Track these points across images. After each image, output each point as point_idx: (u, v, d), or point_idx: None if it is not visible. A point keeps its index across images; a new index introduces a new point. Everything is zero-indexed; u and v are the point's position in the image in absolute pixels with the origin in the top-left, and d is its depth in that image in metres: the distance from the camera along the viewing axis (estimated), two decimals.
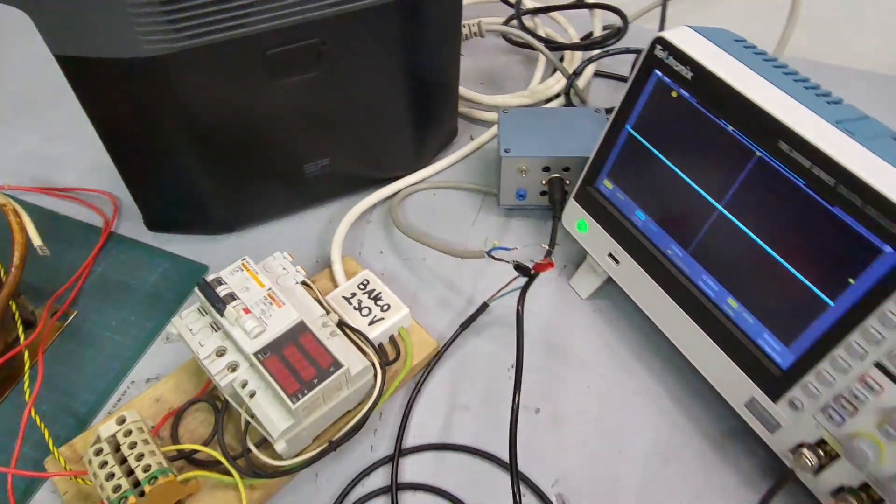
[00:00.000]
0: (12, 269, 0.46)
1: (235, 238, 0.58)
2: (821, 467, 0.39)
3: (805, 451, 0.39)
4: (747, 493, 0.43)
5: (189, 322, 0.45)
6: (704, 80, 0.41)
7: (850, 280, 0.36)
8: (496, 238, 0.58)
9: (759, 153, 0.39)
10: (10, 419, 0.47)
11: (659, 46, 0.43)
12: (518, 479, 0.40)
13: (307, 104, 0.51)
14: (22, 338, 0.48)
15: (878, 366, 0.35)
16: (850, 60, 0.74)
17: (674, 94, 0.43)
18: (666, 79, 0.43)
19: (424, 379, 0.49)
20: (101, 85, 0.45)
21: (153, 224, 0.58)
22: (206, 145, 0.50)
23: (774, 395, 0.41)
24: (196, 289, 0.44)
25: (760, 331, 0.41)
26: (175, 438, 0.44)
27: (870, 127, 0.39)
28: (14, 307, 0.48)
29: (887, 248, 0.34)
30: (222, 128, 0.50)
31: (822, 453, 0.39)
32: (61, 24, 0.41)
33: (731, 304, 0.43)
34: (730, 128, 0.40)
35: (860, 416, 0.36)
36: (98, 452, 0.40)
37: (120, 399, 0.48)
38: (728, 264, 0.42)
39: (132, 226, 0.59)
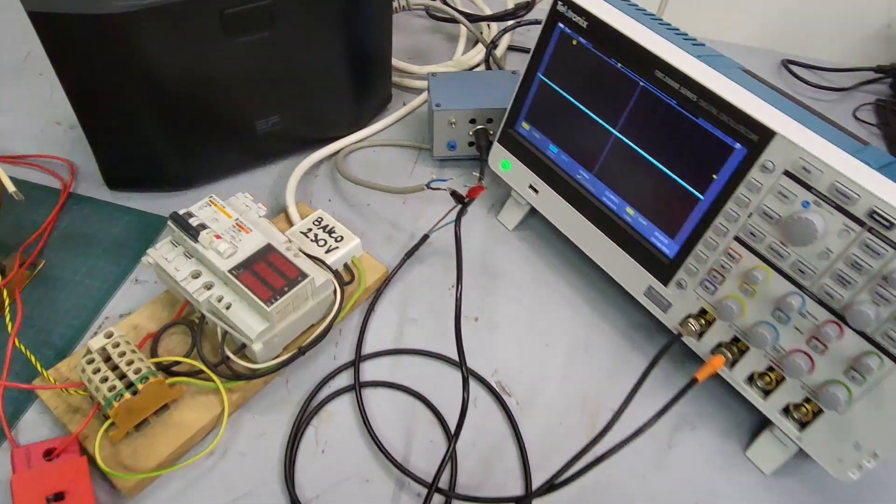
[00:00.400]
0: None
1: (193, 194, 0.63)
2: (702, 332, 0.49)
3: (691, 320, 0.49)
4: (654, 370, 0.53)
5: (163, 252, 0.50)
6: (597, 28, 0.50)
7: (714, 176, 0.46)
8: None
9: (641, 83, 0.49)
10: None
11: (560, 2, 0.52)
12: (466, 368, 0.48)
13: (259, 62, 0.57)
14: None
15: (737, 239, 0.45)
16: (721, 35, 0.87)
17: (574, 42, 0.52)
18: (567, 30, 0.53)
19: (376, 299, 0.56)
20: (71, 42, 0.49)
21: (113, 183, 0.62)
22: (166, 103, 0.55)
23: (665, 280, 0.50)
24: (169, 221, 0.49)
25: (652, 230, 0.51)
26: (154, 356, 0.49)
27: (724, 62, 0.49)
28: None
29: (737, 146, 0.44)
30: (182, 85, 0.55)
31: (703, 321, 0.48)
32: None
33: (629, 212, 0.52)
34: (618, 65, 0.50)
35: (727, 282, 0.46)
36: (90, 362, 0.44)
37: (96, 333, 0.52)
38: (624, 179, 0.52)
39: (90, 187, 0.63)
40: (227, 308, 0.47)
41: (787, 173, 0.42)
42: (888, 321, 0.39)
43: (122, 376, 0.44)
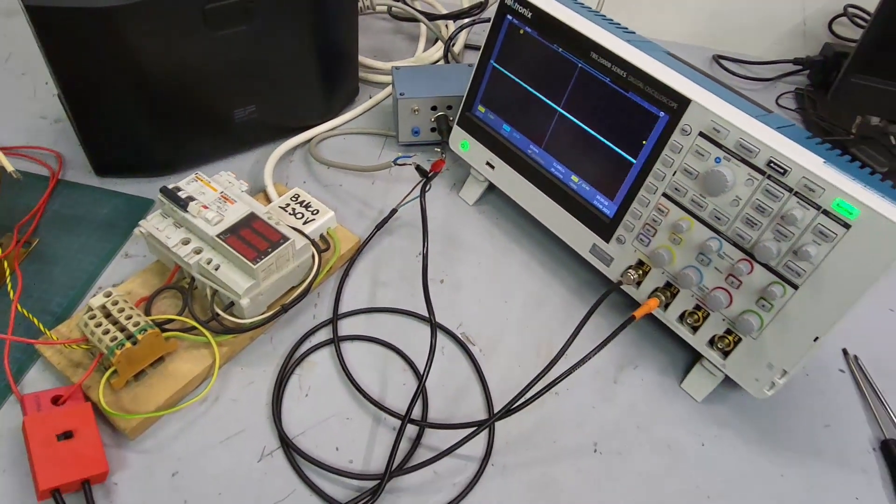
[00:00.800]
0: None
1: (175, 178, 0.67)
2: (640, 281, 0.56)
3: (630, 271, 0.55)
4: (598, 320, 0.59)
5: (155, 223, 0.54)
6: (540, 18, 0.57)
7: (643, 141, 0.53)
8: (398, 167, 0.72)
9: (580, 64, 0.56)
10: None
11: None
12: (432, 313, 0.54)
13: (237, 55, 0.62)
14: None
15: (665, 195, 0.52)
16: (656, 34, 0.96)
17: (521, 32, 0.59)
18: (515, 21, 0.59)
19: (350, 266, 0.61)
20: (66, 35, 0.54)
21: (101, 169, 0.66)
22: (152, 92, 0.60)
23: (607, 237, 0.57)
24: (159, 195, 0.54)
25: (594, 194, 0.58)
26: (147, 315, 0.53)
27: (651, 46, 0.56)
28: None
29: (661, 114, 0.51)
30: (166, 75, 0.60)
31: (641, 271, 0.55)
32: None
33: (574, 180, 0.59)
34: (560, 50, 0.57)
35: (659, 234, 0.53)
36: (92, 317, 0.48)
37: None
38: (569, 151, 0.59)
39: (77, 174, 0.67)
40: (216, 269, 0.52)
41: (701, 134, 0.49)
42: (787, 254, 0.46)
43: (122, 329, 0.48)
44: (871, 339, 0.61)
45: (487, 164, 0.65)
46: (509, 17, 0.60)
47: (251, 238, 0.52)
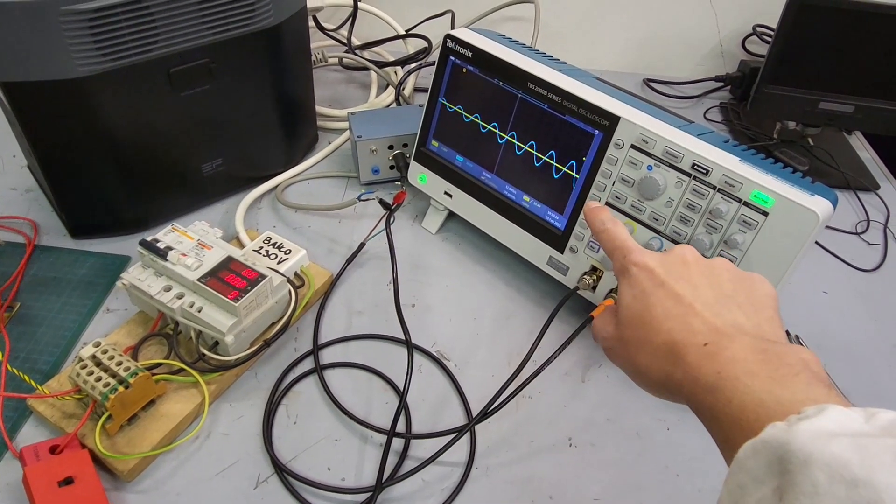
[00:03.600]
0: None
1: (148, 234, 0.70)
2: (595, 285, 0.60)
3: (585, 276, 0.60)
4: (562, 326, 0.64)
5: (136, 275, 0.57)
6: (480, 57, 0.63)
7: (584, 158, 0.58)
8: (362, 204, 0.76)
9: (519, 95, 0.61)
10: None
11: (449, 40, 0.65)
12: (410, 340, 0.58)
13: (202, 112, 0.66)
14: None
15: (608, 203, 0.57)
16: (588, 64, 1.04)
17: (464, 70, 0.65)
18: (458, 61, 0.65)
19: (326, 300, 0.65)
20: (38, 105, 0.58)
21: (76, 231, 0.68)
22: (121, 155, 0.64)
23: (561, 248, 0.62)
24: (139, 247, 0.57)
25: (545, 210, 0.63)
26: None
27: (581, 74, 0.63)
28: None
29: (595, 132, 0.57)
30: (134, 138, 0.64)
31: (595, 276, 0.60)
32: (7, 56, 0.54)
33: (526, 200, 0.64)
34: (500, 83, 0.63)
35: None
36: (84, 367, 0.51)
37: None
38: (518, 173, 0.64)
39: (53, 239, 0.69)
40: (199, 311, 0.55)
41: (633, 146, 0.55)
42: (719, 244, 0.52)
43: (114, 375, 0.51)
44: (810, 320, 0.67)
45: (445, 193, 0.70)
46: (452, 58, 0.66)
47: (230, 279, 0.56)
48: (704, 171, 0.51)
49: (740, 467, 0.26)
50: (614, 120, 0.55)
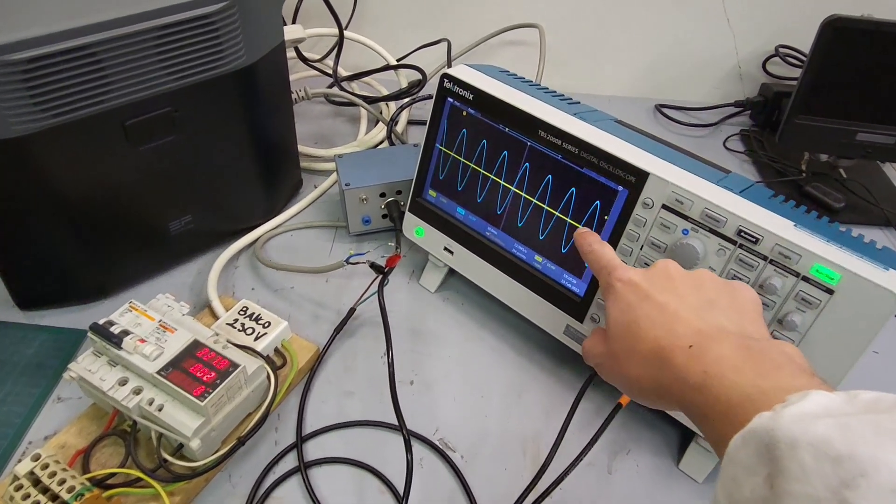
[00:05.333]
0: None
1: (109, 302, 0.62)
2: None
3: None
4: (584, 404, 0.56)
5: (86, 365, 0.49)
6: (482, 99, 0.55)
7: (605, 217, 0.50)
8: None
9: (528, 143, 0.54)
10: None
11: (446, 80, 0.57)
12: (407, 431, 0.49)
13: (166, 166, 0.58)
14: None
15: None
16: (596, 89, 0.96)
17: (464, 113, 0.57)
18: (456, 103, 0.57)
19: (311, 379, 0.57)
20: None
21: (25, 303, 0.60)
22: (74, 217, 0.56)
23: (580, 317, 0.54)
24: (89, 333, 0.49)
25: (561, 273, 0.55)
26: (86, 472, 0.47)
27: (597, 116, 0.55)
28: None
29: (619, 188, 0.49)
30: (88, 198, 0.55)
31: None
32: None
33: (538, 260, 0.56)
34: (506, 129, 0.55)
35: None
36: (19, 488, 0.42)
37: (20, 460, 0.50)
38: (529, 230, 0.56)
39: None
40: (160, 410, 0.46)
41: (665, 207, 0.47)
42: (773, 324, 0.44)
43: (55, 497, 0.42)
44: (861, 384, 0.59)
45: (445, 249, 0.62)
46: (450, 99, 0.58)
47: (196, 370, 0.47)
48: (753, 240, 0.43)
49: (731, 460, 0.27)
50: (642, 176, 0.47)
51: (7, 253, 0.57)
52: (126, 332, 0.49)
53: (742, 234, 0.43)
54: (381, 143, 0.81)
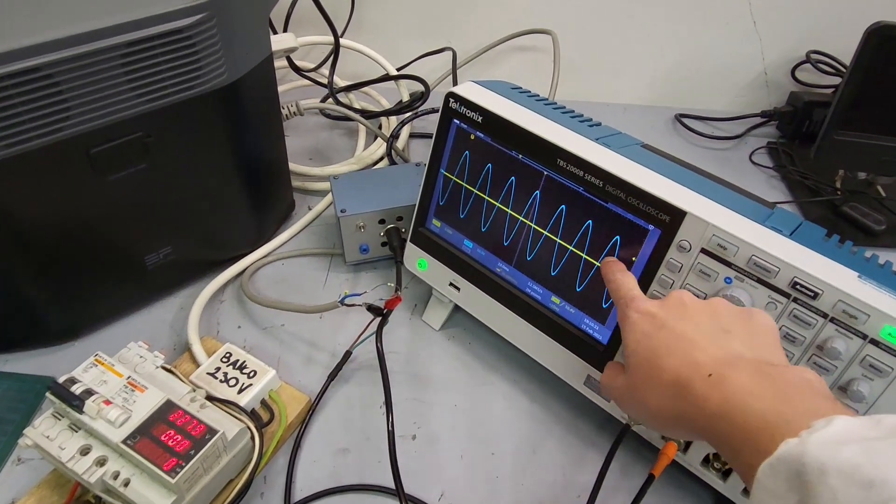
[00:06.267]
0: None
1: (80, 344, 0.57)
2: None
3: None
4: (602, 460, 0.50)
5: (44, 429, 0.43)
6: (492, 122, 0.49)
7: (633, 258, 0.44)
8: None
9: (545, 172, 0.47)
10: None
11: (451, 100, 0.51)
12: (406, 497, 0.44)
13: (140, 196, 0.52)
14: None
15: None
16: (614, 97, 0.90)
17: (472, 137, 0.51)
18: (463, 125, 0.51)
19: (302, 433, 0.51)
20: None
21: None
22: (36, 253, 0.50)
23: (603, 367, 0.48)
24: (48, 393, 0.43)
25: (581, 317, 0.49)
26: None
27: (622, 140, 0.49)
28: None
29: (650, 227, 0.43)
30: (52, 232, 0.49)
31: None
32: None
33: (555, 301, 0.50)
34: (520, 156, 0.49)
35: None
36: None
37: None
38: (544, 268, 0.50)
39: None
40: (126, 485, 0.41)
41: (704, 251, 0.41)
42: (833, 389, 0.38)
43: None
44: None
45: (451, 285, 0.56)
46: (456, 121, 0.51)
47: (168, 438, 0.41)
48: (811, 294, 0.37)
49: (761, 487, 0.27)
50: (678, 215, 0.41)
51: None
52: (90, 393, 0.43)
53: (798, 287, 0.37)
54: (381, 159, 0.75)
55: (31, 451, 0.48)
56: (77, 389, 0.43)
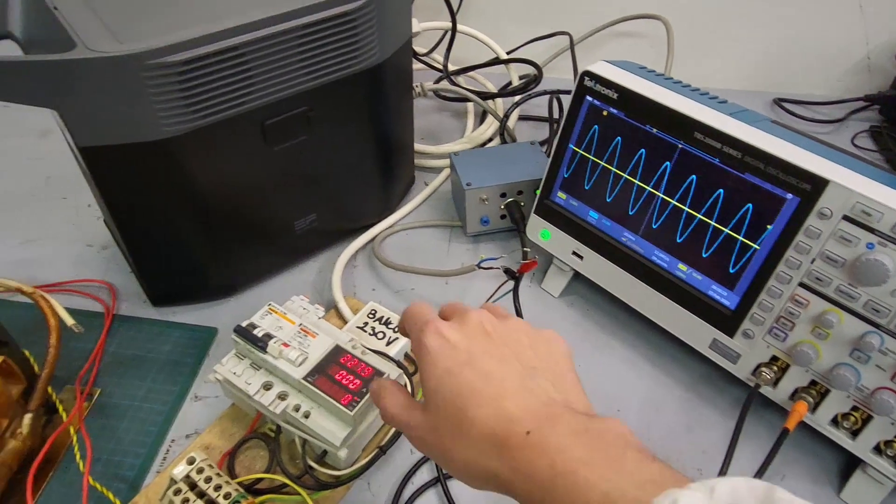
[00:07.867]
0: (50, 349, 0.49)
1: (235, 301, 0.63)
2: (777, 379, 0.49)
3: (763, 369, 0.49)
4: (725, 421, 0.53)
5: (230, 367, 0.49)
6: (628, 98, 0.52)
7: (768, 226, 0.47)
8: (471, 261, 0.67)
9: (680, 145, 0.50)
10: (61, 496, 0.48)
11: (587, 77, 0.54)
12: None
13: (297, 165, 0.58)
14: (59, 417, 0.50)
15: (802, 285, 0.46)
16: (707, 81, 0.91)
17: (605, 113, 0.54)
18: (597, 102, 0.55)
19: None
20: (119, 169, 0.50)
21: (158, 300, 0.61)
22: (209, 216, 0.56)
23: (730, 332, 0.51)
24: (234, 335, 0.49)
25: (709, 283, 0.52)
26: (233, 476, 0.48)
27: (752, 116, 0.51)
28: (49, 389, 0.50)
29: (789, 196, 0.45)
30: (223, 196, 0.55)
31: (776, 367, 0.49)
32: (89, 118, 0.46)
33: (682, 269, 0.53)
34: (654, 130, 0.52)
35: (797, 328, 0.47)
36: (177, 492, 0.43)
37: (164, 458, 0.51)
38: (673, 237, 0.53)
39: (132, 306, 0.62)
40: (306, 417, 0.46)
41: (846, 218, 0.43)
42: None
43: (211, 502, 0.42)
44: None
45: (574, 254, 0.60)
46: (590, 98, 0.55)
47: (341, 377, 0.47)
48: None
49: None
50: (820, 184, 0.44)
51: (142, 252, 0.57)
52: (269, 336, 0.49)
53: None
54: (491, 139, 0.79)
55: (206, 388, 0.55)
56: (258, 333, 0.49)
